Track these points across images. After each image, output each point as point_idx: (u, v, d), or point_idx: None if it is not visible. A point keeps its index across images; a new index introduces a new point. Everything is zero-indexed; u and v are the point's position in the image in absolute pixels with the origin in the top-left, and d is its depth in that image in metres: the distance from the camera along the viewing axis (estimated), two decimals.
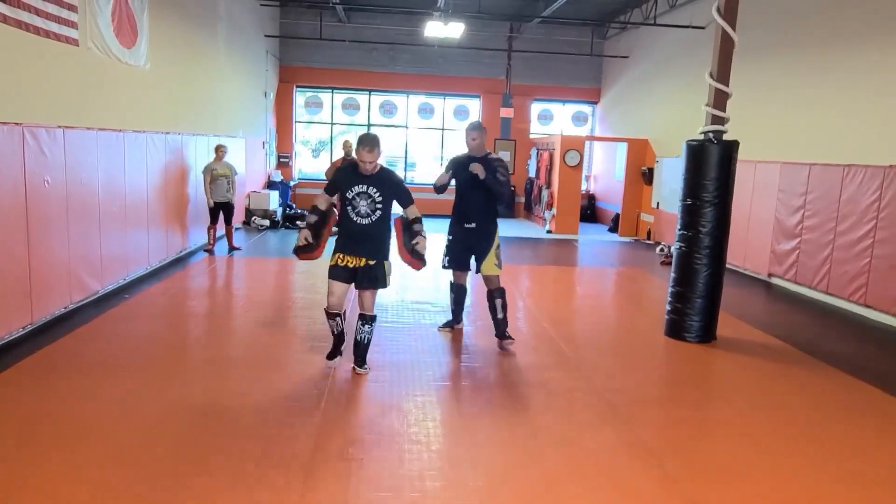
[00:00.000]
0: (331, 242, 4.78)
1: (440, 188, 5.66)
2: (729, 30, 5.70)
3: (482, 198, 5.46)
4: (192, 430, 3.72)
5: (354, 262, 4.58)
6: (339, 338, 4.87)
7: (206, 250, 9.45)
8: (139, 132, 7.34)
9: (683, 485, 3.37)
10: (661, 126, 13.09)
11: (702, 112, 5.92)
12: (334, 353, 4.91)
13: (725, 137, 5.80)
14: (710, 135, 5.78)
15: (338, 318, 4.78)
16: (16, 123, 4.96)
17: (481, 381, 4.77)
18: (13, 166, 4.94)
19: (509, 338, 5.49)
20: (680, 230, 5.94)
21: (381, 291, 4.81)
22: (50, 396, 4.12)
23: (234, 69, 11.78)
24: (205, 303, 7.10)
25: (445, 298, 7.41)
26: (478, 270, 5.54)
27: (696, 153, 5.81)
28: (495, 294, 5.47)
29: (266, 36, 14.23)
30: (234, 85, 11.84)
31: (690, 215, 5.82)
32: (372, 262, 4.58)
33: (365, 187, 4.54)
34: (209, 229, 9.46)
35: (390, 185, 4.65)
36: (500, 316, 5.46)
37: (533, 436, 3.87)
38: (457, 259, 5.60)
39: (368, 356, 4.84)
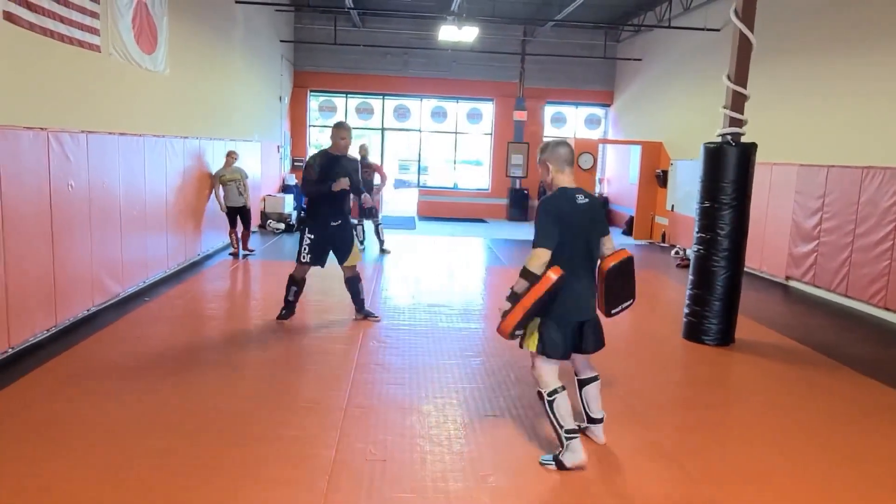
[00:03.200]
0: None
1: (317, 192, 5.75)
2: (747, 32, 5.69)
3: (346, 197, 5.94)
4: (213, 431, 3.76)
5: None
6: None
7: (230, 254, 9.53)
8: (158, 137, 7.43)
9: (704, 487, 3.36)
10: (676, 129, 13.05)
11: (717, 114, 5.91)
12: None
13: (743, 140, 5.79)
14: (728, 137, 5.77)
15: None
16: (41, 129, 5.05)
17: (500, 383, 4.78)
18: (39, 171, 5.03)
19: (373, 314, 6.35)
20: (697, 233, 5.93)
21: (394, 292, 4.83)
22: (73, 398, 4.18)
23: (250, 74, 11.90)
24: (222, 306, 7.17)
25: (460, 300, 7.45)
26: (342, 262, 5.97)
27: (714, 155, 5.79)
28: (357, 279, 6.19)
29: (281, 41, 14.36)
30: (250, 89, 11.95)
31: (708, 218, 5.80)
32: None
33: None
34: (230, 234, 9.54)
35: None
36: (362, 297, 6.26)
37: (553, 438, 3.86)
38: (319, 255, 5.89)
39: (387, 358, 4.86)
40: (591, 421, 3.77)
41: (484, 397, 4.49)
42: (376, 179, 10.64)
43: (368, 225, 10.86)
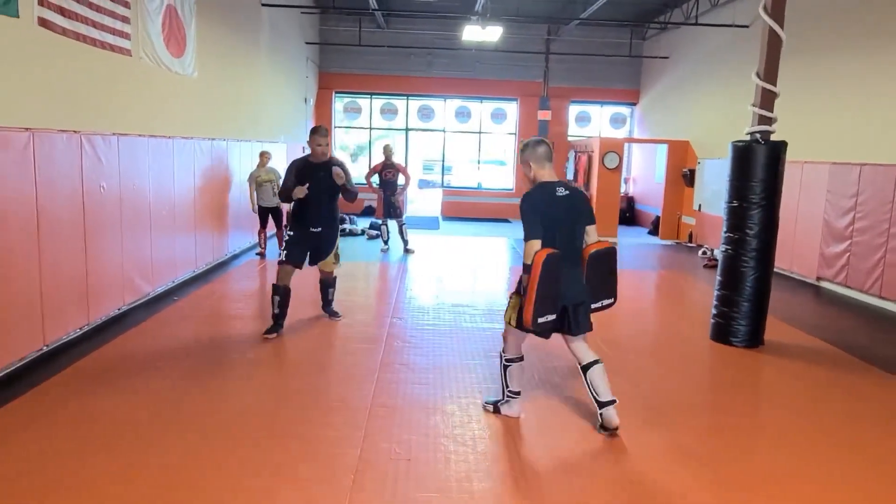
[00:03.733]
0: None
1: (286, 197, 5.73)
2: (777, 28, 5.59)
3: (329, 204, 5.75)
4: (240, 430, 3.81)
5: None
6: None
7: (257, 254, 9.66)
8: (187, 138, 7.55)
9: (735, 493, 3.31)
10: (703, 127, 12.86)
11: (746, 112, 5.81)
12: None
13: (772, 138, 5.68)
14: (757, 135, 5.67)
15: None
16: (74, 131, 5.17)
17: (524, 384, 4.75)
18: (72, 173, 5.15)
19: (338, 314, 6.26)
20: (726, 233, 5.84)
21: (418, 292, 4.83)
22: (105, 395, 4.27)
23: (276, 76, 12.02)
24: (250, 305, 7.24)
25: (484, 300, 7.43)
26: (314, 263, 5.86)
27: (743, 154, 5.70)
28: (329, 283, 6.17)
29: (307, 43, 14.49)
30: (276, 91, 12.08)
31: (737, 217, 5.71)
32: None
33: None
34: (259, 233, 9.66)
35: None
36: (330, 298, 6.24)
37: (579, 439, 3.85)
38: (296, 254, 5.71)
39: (411, 358, 4.87)
40: (602, 405, 3.82)
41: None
42: (400, 180, 10.67)
43: (392, 225, 10.90)
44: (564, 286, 3.63)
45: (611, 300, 3.98)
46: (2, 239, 4.31)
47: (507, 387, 4.03)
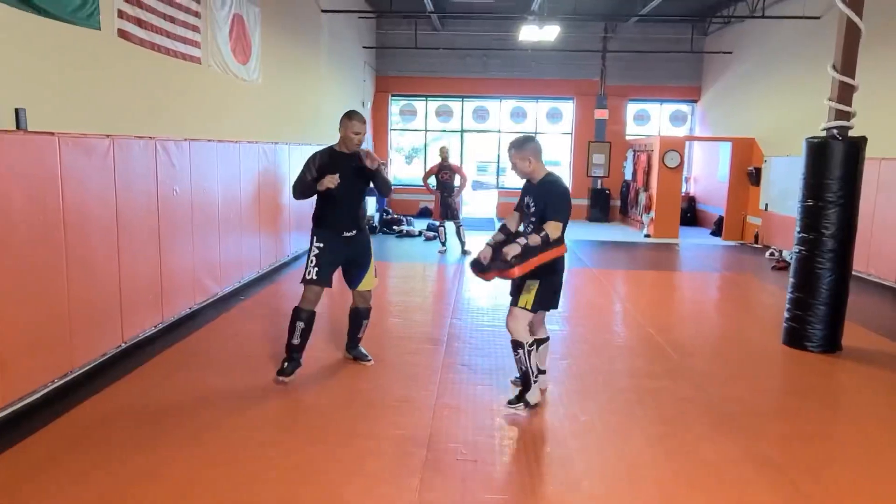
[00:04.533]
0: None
1: (301, 191, 4.62)
2: (854, 18, 5.33)
3: (359, 204, 4.71)
4: (308, 427, 3.89)
5: None
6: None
7: None
8: (252, 143, 7.77)
9: None
10: (769, 124, 12.39)
11: (817, 108, 5.57)
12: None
13: (850, 133, 5.42)
14: (834, 131, 5.42)
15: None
16: (150, 137, 5.39)
17: (588, 386, 4.69)
18: (147, 177, 5.37)
19: (368, 357, 5.03)
20: (799, 233, 5.60)
21: (476, 293, 4.80)
22: (178, 390, 4.44)
23: (335, 80, 12.24)
24: None
25: None
26: (353, 282, 4.78)
27: (818, 151, 5.46)
28: (366, 313, 4.95)
29: (364, 47, 14.70)
30: (335, 95, 12.30)
31: (812, 217, 5.47)
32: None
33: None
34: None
35: None
36: (361, 335, 5.03)
37: (647, 444, 3.76)
38: (328, 271, 4.62)
39: (472, 359, 4.86)
40: (541, 372, 4.35)
41: (573, 401, 4.41)
42: (456, 181, 10.70)
43: (450, 226, 10.93)
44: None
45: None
46: (86, 241, 4.53)
47: (533, 372, 4.14)
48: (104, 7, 4.79)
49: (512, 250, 3.87)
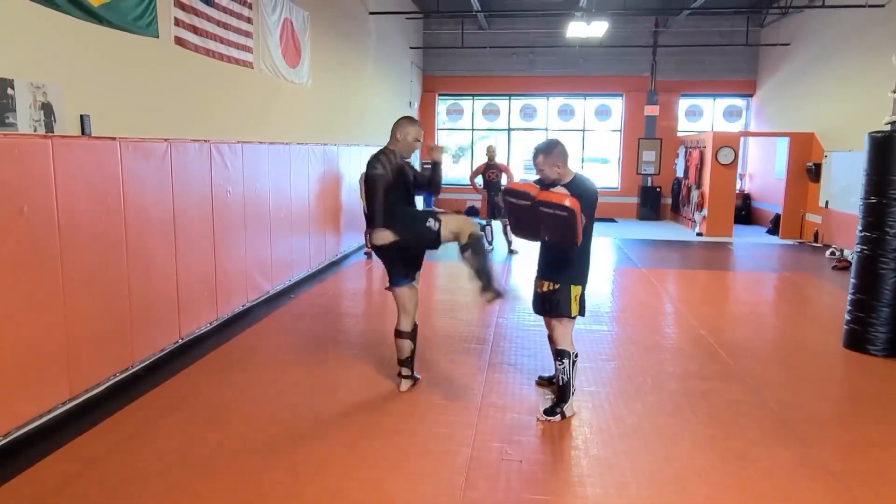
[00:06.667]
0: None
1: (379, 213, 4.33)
2: None
3: (413, 204, 4.70)
4: (355, 422, 3.96)
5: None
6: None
7: (365, 253, 10.01)
8: (301, 144, 7.94)
9: None
10: (830, 118, 11.90)
11: (882, 100, 5.32)
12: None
13: None
14: None
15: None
16: (205, 140, 5.58)
17: (637, 388, 4.62)
18: (203, 179, 5.55)
19: (417, 377, 4.61)
20: (861, 231, 5.38)
21: (522, 293, 4.78)
22: (232, 385, 4.58)
23: (382, 81, 12.38)
24: (359, 304, 7.52)
25: (589, 302, 7.23)
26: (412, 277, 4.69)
27: (882, 146, 5.22)
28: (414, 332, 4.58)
29: (411, 48, 14.81)
30: (382, 96, 12.44)
31: (875, 215, 5.24)
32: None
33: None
34: (366, 233, 10.00)
35: None
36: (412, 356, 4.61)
37: (698, 448, 3.68)
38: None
39: (519, 358, 4.83)
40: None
41: (620, 402, 4.36)
42: (503, 180, 10.66)
43: (497, 225, 10.92)
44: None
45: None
46: (146, 241, 4.73)
47: (574, 386, 4.13)
48: (161, 16, 4.99)
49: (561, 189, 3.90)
